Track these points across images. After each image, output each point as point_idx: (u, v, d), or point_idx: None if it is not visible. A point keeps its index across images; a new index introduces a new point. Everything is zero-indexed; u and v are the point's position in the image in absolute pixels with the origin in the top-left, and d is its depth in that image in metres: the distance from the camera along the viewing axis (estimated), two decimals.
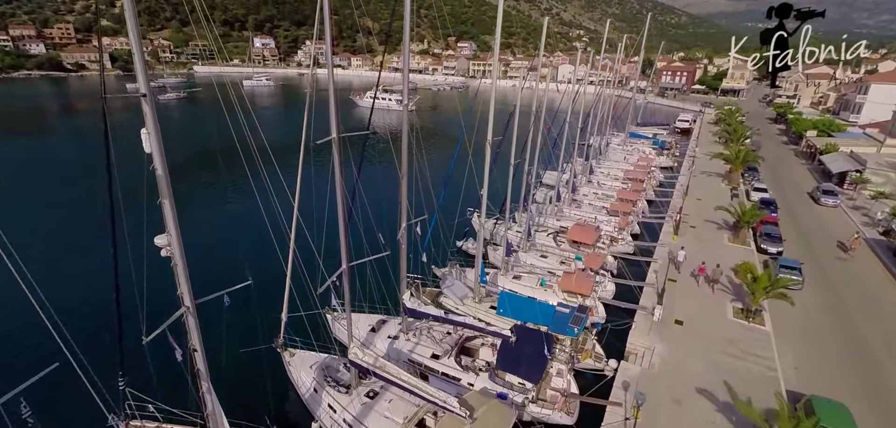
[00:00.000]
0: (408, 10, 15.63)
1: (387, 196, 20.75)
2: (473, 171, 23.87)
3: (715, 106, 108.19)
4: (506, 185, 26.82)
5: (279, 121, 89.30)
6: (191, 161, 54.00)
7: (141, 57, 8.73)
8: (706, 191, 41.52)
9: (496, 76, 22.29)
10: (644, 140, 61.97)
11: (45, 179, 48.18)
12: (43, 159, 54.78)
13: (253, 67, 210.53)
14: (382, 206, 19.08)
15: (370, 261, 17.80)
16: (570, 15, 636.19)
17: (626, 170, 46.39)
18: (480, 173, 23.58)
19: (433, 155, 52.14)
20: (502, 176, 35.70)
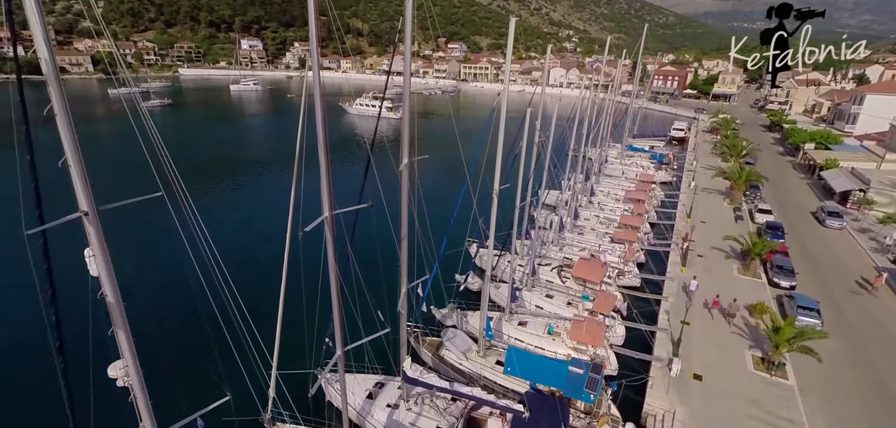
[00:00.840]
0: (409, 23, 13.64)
1: (383, 254, 19.21)
2: (471, 194, 22.20)
3: (708, 112, 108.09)
4: (508, 210, 25.40)
5: (269, 132, 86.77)
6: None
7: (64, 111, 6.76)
8: (709, 211, 40.47)
9: (506, 97, 20.51)
10: (641, 154, 60.77)
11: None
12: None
13: (240, 70, 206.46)
14: (377, 273, 17.19)
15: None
16: (560, 15, 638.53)
17: (627, 189, 45.20)
18: (484, 208, 22.06)
19: (428, 179, 50.26)
20: (504, 202, 34.09)
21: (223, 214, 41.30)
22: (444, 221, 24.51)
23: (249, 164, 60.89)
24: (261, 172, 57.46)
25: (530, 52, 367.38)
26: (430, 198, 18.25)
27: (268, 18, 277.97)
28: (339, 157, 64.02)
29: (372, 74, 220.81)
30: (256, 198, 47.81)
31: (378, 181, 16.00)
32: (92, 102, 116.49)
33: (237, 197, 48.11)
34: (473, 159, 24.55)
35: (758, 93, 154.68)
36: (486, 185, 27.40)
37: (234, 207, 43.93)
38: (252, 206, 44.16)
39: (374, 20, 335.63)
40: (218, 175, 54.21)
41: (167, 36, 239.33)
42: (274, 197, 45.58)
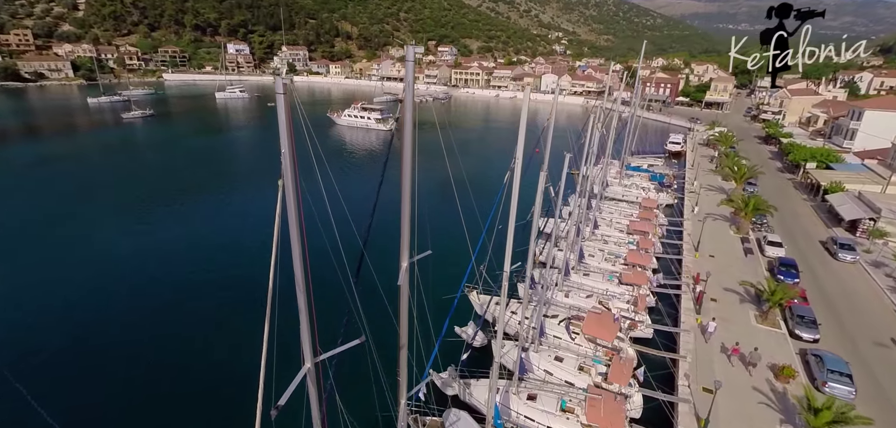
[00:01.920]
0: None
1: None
2: (466, 229, 19.96)
3: (702, 121, 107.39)
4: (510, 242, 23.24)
5: (255, 144, 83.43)
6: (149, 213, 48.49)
7: None
8: (716, 242, 38.78)
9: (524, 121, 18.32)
10: (641, 173, 58.80)
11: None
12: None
13: (226, 75, 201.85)
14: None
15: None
16: (549, 17, 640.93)
17: (630, 218, 43.30)
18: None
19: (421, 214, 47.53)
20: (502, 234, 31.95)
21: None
22: (446, 269, 22.30)
23: (239, 183, 58.11)
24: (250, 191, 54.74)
25: (520, 54, 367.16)
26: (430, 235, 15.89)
27: (255, 21, 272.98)
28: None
29: (361, 80, 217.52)
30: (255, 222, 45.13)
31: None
32: (70, 112, 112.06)
33: (222, 218, 45.41)
34: (471, 184, 22.24)
35: (749, 100, 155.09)
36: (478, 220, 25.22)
37: (218, 235, 41.20)
38: (244, 233, 41.46)
39: (363, 23, 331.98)
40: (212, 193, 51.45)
41: (151, 40, 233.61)
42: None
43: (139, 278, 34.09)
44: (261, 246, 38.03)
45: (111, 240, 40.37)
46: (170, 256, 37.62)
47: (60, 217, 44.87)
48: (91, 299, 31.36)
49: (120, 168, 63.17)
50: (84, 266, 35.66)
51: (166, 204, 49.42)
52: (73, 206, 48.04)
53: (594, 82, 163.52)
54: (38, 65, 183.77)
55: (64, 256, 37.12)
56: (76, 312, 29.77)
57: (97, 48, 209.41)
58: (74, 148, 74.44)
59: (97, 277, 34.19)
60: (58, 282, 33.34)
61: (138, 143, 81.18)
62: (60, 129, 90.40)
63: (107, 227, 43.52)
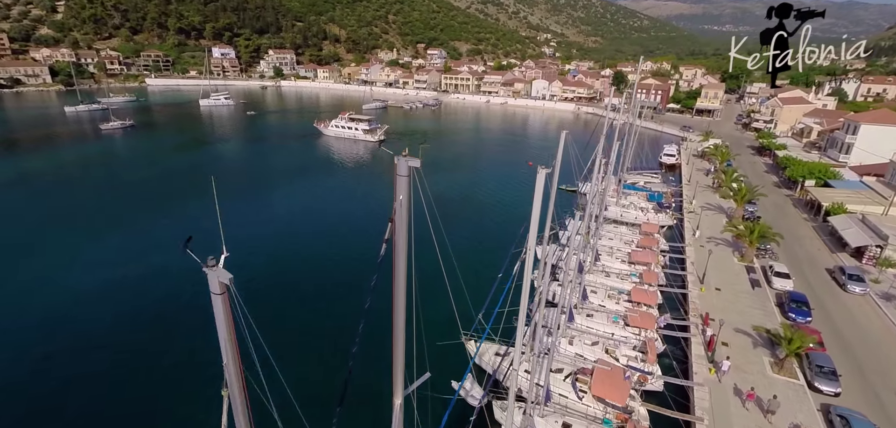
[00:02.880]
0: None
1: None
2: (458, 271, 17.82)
3: (694, 130, 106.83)
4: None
5: (240, 159, 80.00)
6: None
7: None
8: (721, 272, 37.26)
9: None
10: (638, 193, 57.03)
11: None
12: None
13: (211, 80, 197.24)
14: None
15: None
16: (538, 18, 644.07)
17: (631, 247, 41.53)
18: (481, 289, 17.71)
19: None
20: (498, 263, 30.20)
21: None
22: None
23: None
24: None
25: (510, 57, 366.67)
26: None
27: (241, 25, 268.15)
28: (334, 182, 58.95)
29: (351, 85, 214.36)
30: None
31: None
32: (45, 123, 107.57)
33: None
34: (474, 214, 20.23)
35: (739, 106, 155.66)
36: (479, 258, 23.43)
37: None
38: None
39: (351, 26, 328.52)
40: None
41: (133, 44, 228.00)
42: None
43: (107, 313, 31.69)
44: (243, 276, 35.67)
45: (80, 274, 37.63)
46: (142, 291, 35.06)
47: (26, 247, 41.88)
48: (51, 332, 28.84)
49: (95, 189, 59.99)
50: (46, 302, 32.92)
51: (142, 231, 46.54)
52: (40, 236, 45.00)
53: (585, 88, 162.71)
54: (14, 70, 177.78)
55: (28, 290, 34.36)
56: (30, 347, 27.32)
57: (77, 53, 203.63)
58: (48, 165, 70.78)
59: (62, 310, 31.66)
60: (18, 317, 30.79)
61: (117, 158, 77.69)
62: (34, 143, 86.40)
63: (77, 259, 40.74)
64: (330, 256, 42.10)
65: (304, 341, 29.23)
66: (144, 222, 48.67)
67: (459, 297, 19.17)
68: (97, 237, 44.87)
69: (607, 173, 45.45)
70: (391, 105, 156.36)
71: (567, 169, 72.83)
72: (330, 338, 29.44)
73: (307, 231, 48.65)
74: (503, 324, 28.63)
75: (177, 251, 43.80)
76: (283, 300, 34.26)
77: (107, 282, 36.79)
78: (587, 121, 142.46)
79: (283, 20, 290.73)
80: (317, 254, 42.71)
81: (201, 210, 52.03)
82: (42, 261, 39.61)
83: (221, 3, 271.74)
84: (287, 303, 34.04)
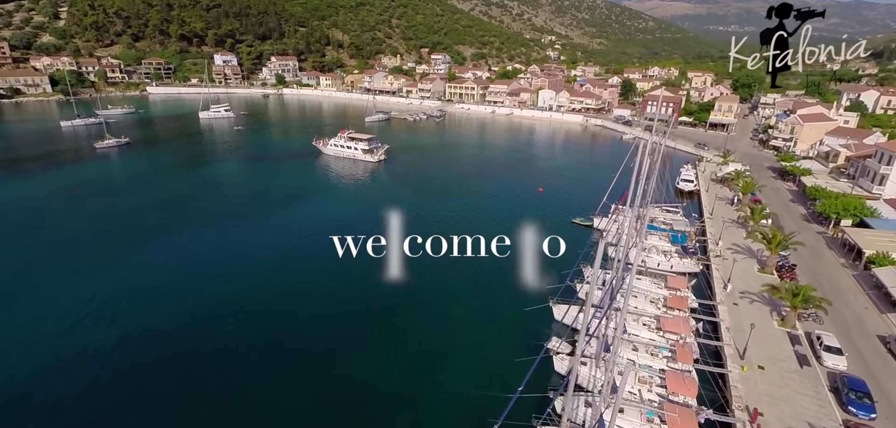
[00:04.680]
0: None
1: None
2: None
3: (710, 147, 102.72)
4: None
5: (239, 183, 76.00)
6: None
7: None
8: (762, 342, 33.30)
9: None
10: (660, 233, 52.29)
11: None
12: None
13: (212, 88, 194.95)
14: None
15: None
16: (542, 20, 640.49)
17: (659, 310, 37.32)
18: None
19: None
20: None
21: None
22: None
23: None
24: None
25: (514, 61, 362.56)
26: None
27: (243, 31, 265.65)
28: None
29: (353, 94, 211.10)
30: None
31: None
32: (40, 140, 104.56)
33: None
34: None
35: (753, 117, 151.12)
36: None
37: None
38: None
39: (354, 31, 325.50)
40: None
41: (135, 51, 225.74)
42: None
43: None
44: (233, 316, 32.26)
45: (65, 321, 34.43)
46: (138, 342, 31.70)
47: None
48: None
49: (83, 221, 56.55)
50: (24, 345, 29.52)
51: (130, 276, 43.10)
52: (21, 277, 41.73)
53: (593, 99, 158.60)
54: (14, 80, 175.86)
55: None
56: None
57: (78, 61, 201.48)
58: (36, 191, 67.68)
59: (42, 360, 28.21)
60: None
61: (109, 183, 74.33)
62: (24, 163, 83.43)
63: (61, 300, 37.57)
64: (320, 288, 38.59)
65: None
66: (126, 259, 45.27)
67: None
68: (75, 276, 41.62)
69: (635, 208, 41.21)
70: (395, 116, 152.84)
71: (578, 195, 69.70)
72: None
73: (300, 262, 45.35)
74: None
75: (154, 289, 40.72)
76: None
77: (83, 323, 33.64)
78: (596, 133, 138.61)
79: (285, 26, 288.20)
80: (310, 285, 39.30)
81: (188, 245, 48.67)
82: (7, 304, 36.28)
83: (224, 9, 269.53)
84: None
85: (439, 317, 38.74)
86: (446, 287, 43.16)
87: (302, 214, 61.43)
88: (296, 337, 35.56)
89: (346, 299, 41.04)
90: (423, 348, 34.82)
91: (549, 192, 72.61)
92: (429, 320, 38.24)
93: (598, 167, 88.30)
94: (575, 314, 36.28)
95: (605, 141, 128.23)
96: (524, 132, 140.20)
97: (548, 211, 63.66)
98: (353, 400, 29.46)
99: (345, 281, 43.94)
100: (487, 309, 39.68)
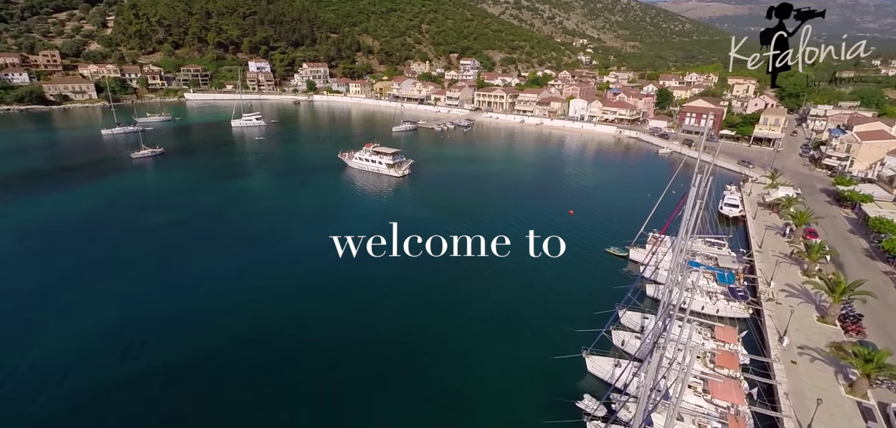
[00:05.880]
0: None
1: None
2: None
3: (754, 164, 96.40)
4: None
5: (264, 200, 75.73)
6: None
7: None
8: (830, 418, 29.28)
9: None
10: (706, 271, 47.93)
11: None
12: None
13: (246, 95, 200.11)
14: None
15: None
16: (574, 23, 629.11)
17: (707, 368, 33.40)
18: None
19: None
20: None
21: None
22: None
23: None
24: None
25: (544, 66, 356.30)
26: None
27: (277, 38, 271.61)
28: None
29: (382, 101, 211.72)
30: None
31: None
32: (81, 149, 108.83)
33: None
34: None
35: (800, 130, 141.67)
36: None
37: None
38: None
39: (384, 37, 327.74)
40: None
41: (175, 57, 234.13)
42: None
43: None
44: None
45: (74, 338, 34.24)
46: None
47: (27, 322, 38.85)
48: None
49: (110, 242, 57.22)
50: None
51: (152, 301, 42.90)
52: (47, 302, 42.16)
53: (627, 109, 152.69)
54: (63, 87, 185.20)
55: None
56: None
57: (121, 68, 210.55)
58: (70, 206, 69.43)
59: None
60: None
61: (140, 198, 75.29)
62: (64, 174, 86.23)
63: (86, 324, 37.58)
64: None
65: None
66: (150, 284, 45.15)
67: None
68: (98, 300, 41.62)
69: (681, 242, 37.68)
70: (422, 126, 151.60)
71: (612, 220, 65.88)
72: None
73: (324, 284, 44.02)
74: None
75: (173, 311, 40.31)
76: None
77: (107, 350, 33.35)
78: (629, 146, 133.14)
79: (317, 32, 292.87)
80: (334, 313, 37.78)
81: (211, 270, 48.23)
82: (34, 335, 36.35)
83: (259, 17, 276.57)
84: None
85: (463, 360, 36.46)
86: (469, 326, 40.83)
87: (324, 234, 60.44)
88: (316, 372, 34.16)
89: (364, 332, 39.49)
90: (446, 394, 32.73)
91: (580, 216, 69.11)
92: (453, 363, 36.05)
93: (633, 188, 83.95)
94: (611, 369, 33.32)
95: (639, 155, 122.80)
96: (554, 144, 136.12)
97: (579, 237, 60.30)
98: None
99: (365, 310, 42.58)
100: (514, 354, 37.04)
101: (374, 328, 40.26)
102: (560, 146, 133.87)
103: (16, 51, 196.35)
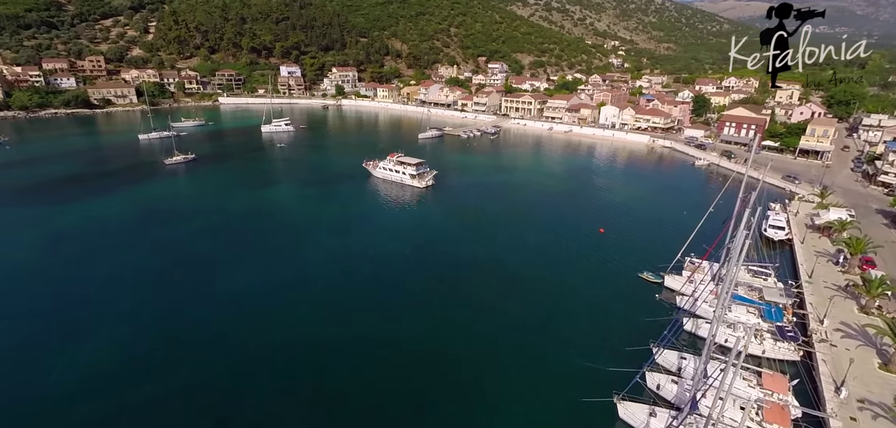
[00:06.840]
0: None
1: None
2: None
3: (801, 179, 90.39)
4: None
5: (289, 210, 75.92)
6: None
7: None
8: None
9: None
10: (750, 306, 44.40)
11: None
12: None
13: (277, 99, 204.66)
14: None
15: None
16: (605, 24, 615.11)
17: (752, 423, 30.71)
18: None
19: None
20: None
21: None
22: None
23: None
24: None
25: (574, 69, 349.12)
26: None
27: (308, 42, 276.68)
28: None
29: (409, 106, 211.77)
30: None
31: None
32: (118, 154, 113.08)
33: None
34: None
35: (850, 140, 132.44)
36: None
37: None
38: None
39: (413, 40, 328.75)
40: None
41: (210, 62, 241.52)
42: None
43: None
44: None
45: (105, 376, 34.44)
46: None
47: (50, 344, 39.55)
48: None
49: (139, 252, 58.20)
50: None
51: (175, 316, 43.05)
52: (74, 313, 42.89)
53: (661, 117, 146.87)
54: (107, 91, 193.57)
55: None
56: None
57: (160, 73, 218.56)
58: (107, 210, 71.59)
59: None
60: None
61: (169, 205, 76.49)
62: (102, 181, 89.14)
63: (110, 338, 37.87)
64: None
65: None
66: (174, 297, 45.40)
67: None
68: (125, 313, 42.03)
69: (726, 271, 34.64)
70: (448, 133, 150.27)
71: (645, 241, 62.54)
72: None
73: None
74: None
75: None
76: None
77: (132, 366, 33.39)
78: (663, 156, 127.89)
79: (347, 37, 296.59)
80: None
81: (236, 285, 48.14)
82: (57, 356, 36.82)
83: (292, 22, 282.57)
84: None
85: (487, 399, 34.58)
86: (491, 359, 38.95)
87: (348, 246, 59.86)
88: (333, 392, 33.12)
89: (380, 354, 38.41)
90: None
91: (611, 234, 65.99)
92: (476, 399, 34.26)
93: (668, 205, 80.00)
94: (645, 419, 30.83)
95: (673, 166, 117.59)
96: (583, 154, 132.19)
97: (610, 259, 57.45)
98: None
99: (382, 331, 41.70)
100: (541, 394, 34.91)
101: (389, 356, 38.99)
102: (590, 155, 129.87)
103: (65, 56, 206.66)
